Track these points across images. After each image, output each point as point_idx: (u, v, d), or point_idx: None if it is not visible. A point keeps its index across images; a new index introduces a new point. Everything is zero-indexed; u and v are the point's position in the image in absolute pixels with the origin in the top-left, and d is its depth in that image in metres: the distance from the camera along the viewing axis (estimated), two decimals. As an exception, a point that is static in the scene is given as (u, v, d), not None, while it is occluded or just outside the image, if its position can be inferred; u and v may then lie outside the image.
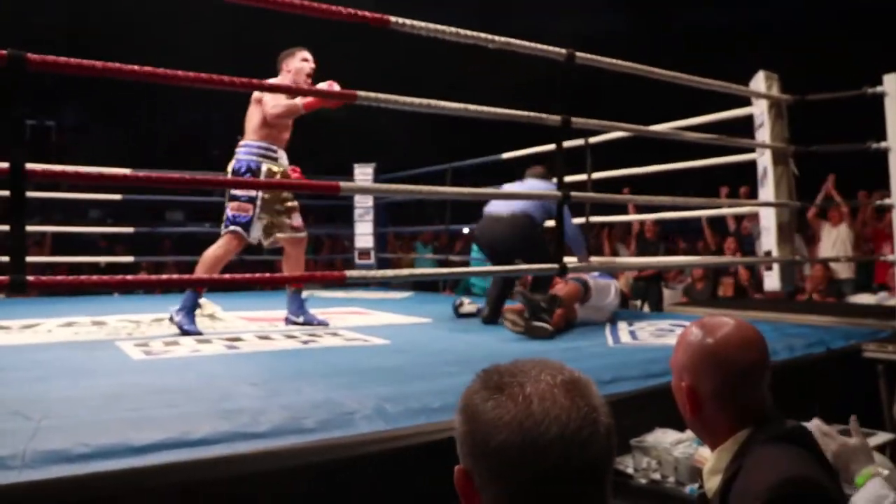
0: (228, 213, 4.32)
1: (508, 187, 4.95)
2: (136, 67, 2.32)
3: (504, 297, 4.70)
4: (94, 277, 2.15)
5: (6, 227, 2.02)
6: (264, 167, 4.29)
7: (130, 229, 7.62)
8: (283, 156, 4.48)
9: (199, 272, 4.18)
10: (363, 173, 8.14)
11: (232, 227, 4.28)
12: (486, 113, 2.97)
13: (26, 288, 1.99)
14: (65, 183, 10.15)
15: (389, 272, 3.19)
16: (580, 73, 3.29)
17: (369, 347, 3.68)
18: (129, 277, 2.25)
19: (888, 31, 10.80)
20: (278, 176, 4.34)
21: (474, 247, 7.04)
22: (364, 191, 7.28)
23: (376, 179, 8.15)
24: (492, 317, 4.69)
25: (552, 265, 3.26)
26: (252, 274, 4.00)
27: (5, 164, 1.93)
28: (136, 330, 4.27)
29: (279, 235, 4.51)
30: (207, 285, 2.48)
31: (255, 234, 4.34)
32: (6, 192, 2.00)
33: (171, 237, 10.45)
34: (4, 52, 2.01)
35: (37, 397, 2.41)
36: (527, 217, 4.47)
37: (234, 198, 4.30)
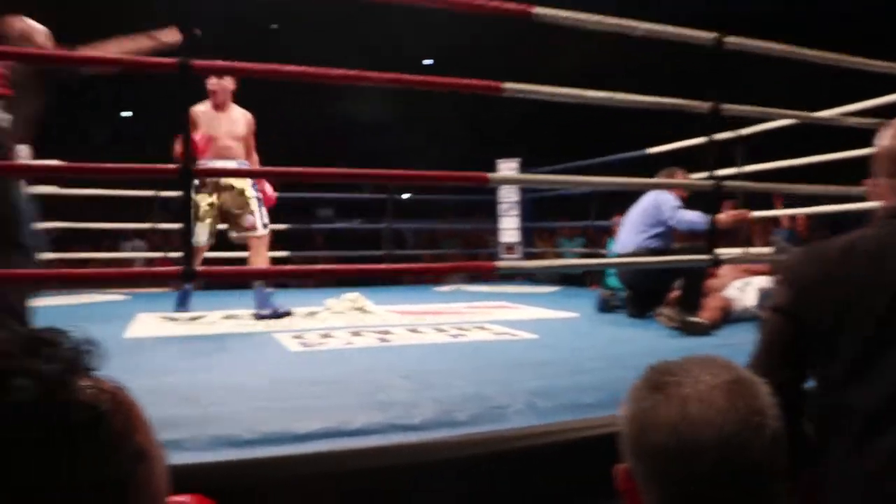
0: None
1: (634, 208, 4.89)
2: (293, 68, 2.41)
3: (652, 291, 4.59)
4: (259, 269, 2.24)
5: (177, 225, 2.14)
6: None
7: (285, 226, 7.94)
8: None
9: None
10: (507, 168, 8.13)
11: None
12: (631, 101, 2.89)
13: (195, 277, 2.11)
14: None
15: (539, 262, 3.16)
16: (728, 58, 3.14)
17: (518, 342, 3.68)
18: (286, 268, 2.34)
19: None
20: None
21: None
22: (511, 181, 7.28)
23: (521, 173, 8.12)
24: (639, 311, 4.60)
25: (704, 256, 3.13)
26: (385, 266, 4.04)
27: (172, 165, 2.06)
28: (291, 323, 4.44)
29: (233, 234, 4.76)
30: (354, 275, 2.53)
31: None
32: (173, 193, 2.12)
33: (321, 233, 10.81)
34: (174, 59, 2.15)
35: (204, 386, 2.56)
36: (648, 252, 4.47)
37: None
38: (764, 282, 4.48)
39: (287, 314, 4.65)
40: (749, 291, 4.47)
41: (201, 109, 4.76)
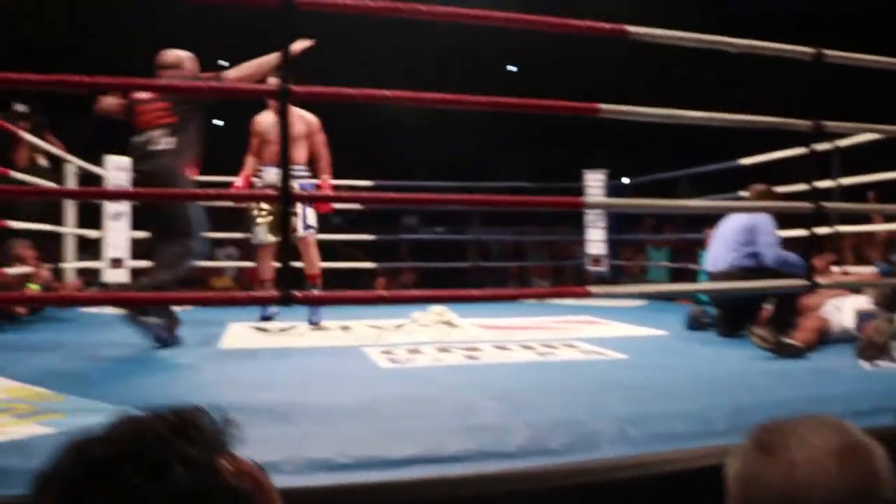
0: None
1: (724, 221, 4.77)
2: (384, 92, 2.45)
3: (743, 310, 4.48)
4: (352, 294, 2.29)
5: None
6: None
7: (372, 237, 8.07)
8: (268, 171, 5.07)
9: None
10: (594, 180, 8.07)
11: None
12: (731, 121, 2.84)
13: (292, 302, 2.17)
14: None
15: (632, 288, 3.12)
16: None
17: (607, 361, 3.64)
18: (382, 293, 2.38)
19: None
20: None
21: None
22: (609, 206, 7.19)
23: (608, 185, 8.06)
24: (730, 330, 4.50)
25: (801, 282, 3.05)
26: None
27: (326, 192, 2.12)
28: (379, 336, 4.49)
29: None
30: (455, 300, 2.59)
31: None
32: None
33: (406, 243, 10.92)
34: (276, 85, 2.22)
35: (299, 403, 2.62)
36: (741, 272, 4.38)
37: None
38: (861, 301, 4.32)
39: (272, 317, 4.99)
40: (845, 311, 4.32)
41: (260, 117, 5.05)
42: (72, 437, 0.77)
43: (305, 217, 4.97)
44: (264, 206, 4.97)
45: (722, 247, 4.64)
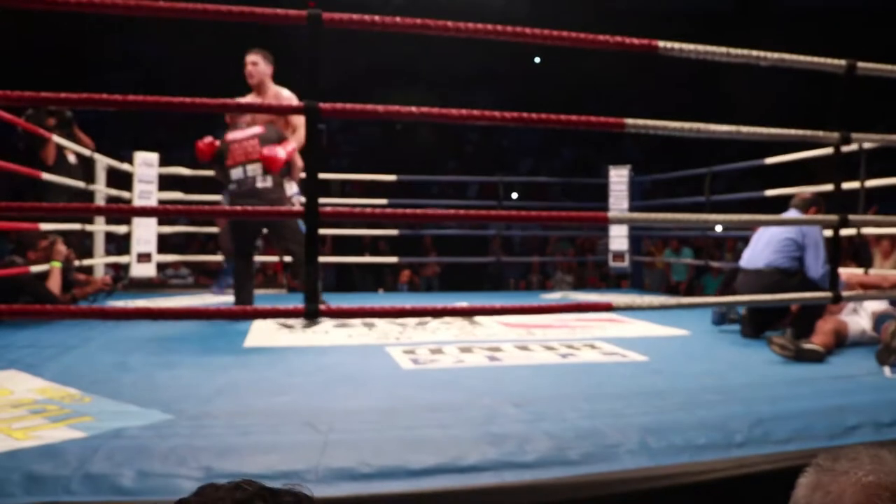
0: None
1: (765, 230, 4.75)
2: (411, 109, 2.48)
3: (771, 313, 4.46)
4: (379, 308, 2.32)
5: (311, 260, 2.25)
6: None
7: (395, 232, 8.11)
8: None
9: None
10: (618, 175, 8.05)
11: None
12: (757, 135, 2.83)
13: (319, 315, 2.20)
14: (336, 186, 11.00)
15: (657, 301, 3.13)
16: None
17: (628, 364, 3.65)
18: (408, 307, 2.41)
19: None
20: None
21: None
22: (631, 221, 7.16)
23: (632, 181, 8.04)
24: (755, 332, 4.49)
25: (824, 294, 3.05)
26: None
27: (300, 208, 2.15)
28: (402, 334, 4.52)
29: None
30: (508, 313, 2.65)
31: None
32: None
33: (429, 237, 10.94)
34: (303, 103, 2.25)
35: (322, 407, 2.66)
36: (777, 273, 4.37)
37: None
38: (878, 305, 4.29)
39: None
40: (864, 313, 4.29)
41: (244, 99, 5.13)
42: None
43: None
44: None
45: (765, 245, 4.58)
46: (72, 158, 6.21)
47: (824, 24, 12.61)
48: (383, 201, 7.97)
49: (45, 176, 5.35)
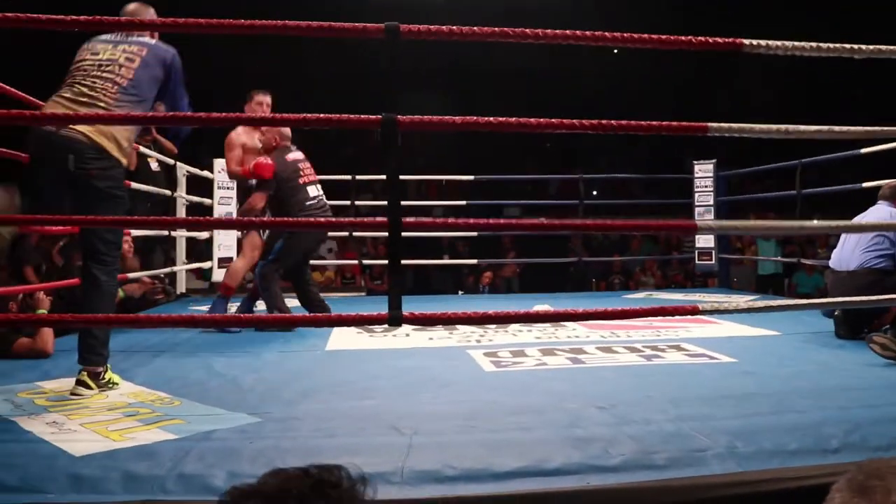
0: None
1: (859, 219, 4.53)
2: (489, 119, 2.48)
3: (866, 313, 4.28)
4: (463, 314, 2.33)
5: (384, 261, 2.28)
6: None
7: (474, 234, 8.11)
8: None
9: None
10: (703, 170, 7.88)
11: None
12: (844, 134, 2.72)
13: (402, 322, 2.23)
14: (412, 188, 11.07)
15: (741, 300, 3.05)
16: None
17: (715, 366, 3.57)
18: (489, 313, 2.41)
19: None
20: None
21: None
22: (720, 229, 6.99)
23: (717, 175, 7.86)
24: (849, 334, 4.31)
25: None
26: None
27: (382, 219, 2.18)
28: (483, 336, 4.52)
29: None
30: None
31: None
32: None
33: (508, 237, 10.90)
34: (379, 116, 2.29)
35: (406, 410, 2.68)
36: (871, 273, 4.20)
37: None
38: None
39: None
40: None
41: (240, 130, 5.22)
42: (230, 489, 0.92)
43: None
44: None
45: (855, 245, 4.41)
46: (154, 165, 6.41)
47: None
48: (462, 203, 7.98)
49: (133, 185, 5.54)
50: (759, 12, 12.39)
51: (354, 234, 8.12)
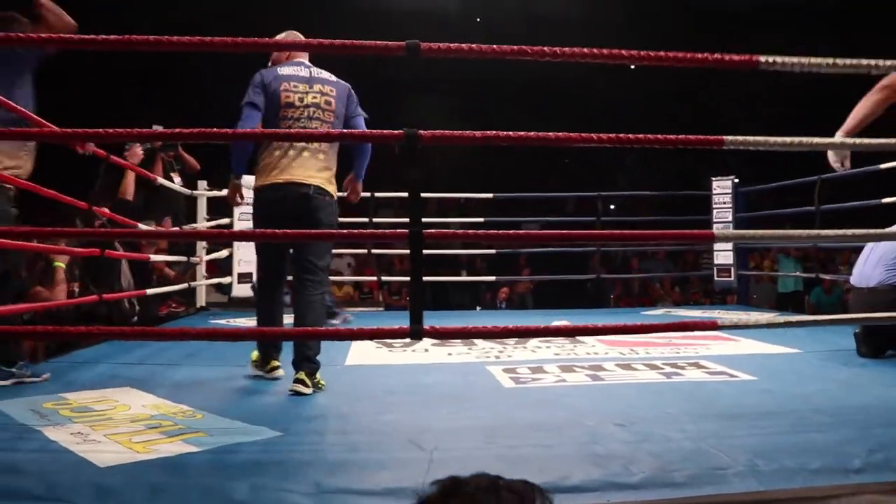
0: None
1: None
2: (509, 134, 2.51)
3: (889, 332, 4.25)
4: (483, 328, 2.35)
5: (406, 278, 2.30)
6: None
7: (492, 251, 8.14)
8: None
9: None
10: (722, 187, 7.88)
11: None
12: (867, 146, 2.73)
13: (423, 336, 2.25)
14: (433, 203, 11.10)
15: (763, 318, 3.04)
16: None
17: (736, 384, 3.55)
18: (517, 327, 2.43)
19: None
20: None
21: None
22: (736, 238, 6.97)
23: (736, 192, 7.85)
24: (872, 352, 4.28)
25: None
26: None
27: (404, 231, 2.21)
28: (502, 353, 4.53)
29: None
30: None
31: None
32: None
33: (524, 255, 10.89)
34: (401, 131, 2.32)
35: (425, 426, 2.69)
36: (893, 291, 4.17)
37: None
38: None
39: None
40: None
41: None
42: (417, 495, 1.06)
43: None
44: None
45: (877, 261, 4.39)
46: (177, 180, 6.49)
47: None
48: (480, 219, 8.01)
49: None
50: (759, 18, 12.42)
51: (374, 251, 8.13)
